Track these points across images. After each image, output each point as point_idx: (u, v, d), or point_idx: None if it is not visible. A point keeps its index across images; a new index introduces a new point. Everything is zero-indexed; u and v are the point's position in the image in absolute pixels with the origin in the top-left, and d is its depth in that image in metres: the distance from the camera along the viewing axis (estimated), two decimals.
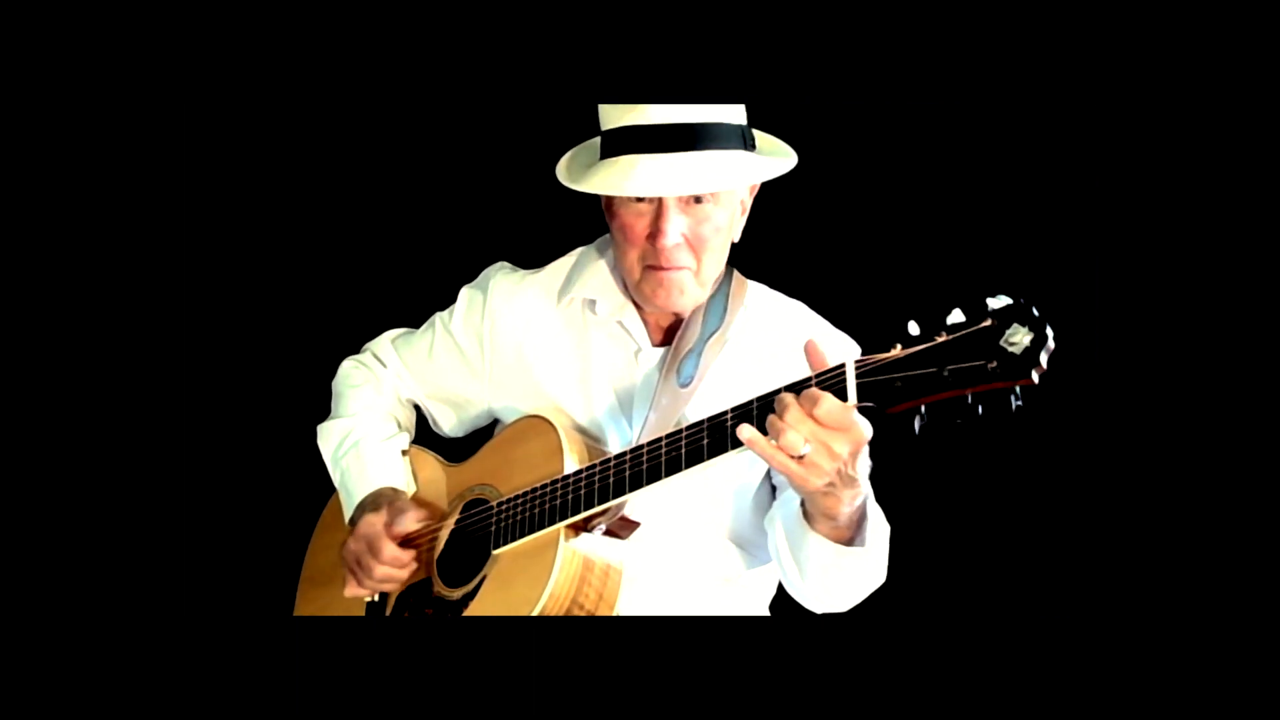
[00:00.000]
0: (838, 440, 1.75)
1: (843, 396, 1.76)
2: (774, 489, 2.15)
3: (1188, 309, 2.16)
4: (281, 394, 2.78)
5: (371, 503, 2.20)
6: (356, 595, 2.18)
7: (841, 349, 2.15)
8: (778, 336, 2.18)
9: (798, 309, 2.24)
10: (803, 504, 1.92)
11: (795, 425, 1.74)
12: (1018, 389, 1.67)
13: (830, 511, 1.86)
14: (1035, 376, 1.65)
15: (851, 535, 1.91)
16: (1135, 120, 2.20)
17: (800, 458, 1.75)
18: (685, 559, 2.13)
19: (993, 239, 2.69)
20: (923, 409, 1.72)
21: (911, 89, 2.24)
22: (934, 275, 2.64)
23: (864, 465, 1.85)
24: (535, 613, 1.98)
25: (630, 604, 2.08)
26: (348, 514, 2.24)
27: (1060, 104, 2.32)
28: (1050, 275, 2.49)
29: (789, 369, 2.08)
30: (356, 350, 2.41)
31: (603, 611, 2.04)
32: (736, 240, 2.17)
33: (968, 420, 1.70)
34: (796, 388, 1.80)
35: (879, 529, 1.95)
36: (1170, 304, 2.17)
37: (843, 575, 1.96)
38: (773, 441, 1.76)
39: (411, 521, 2.13)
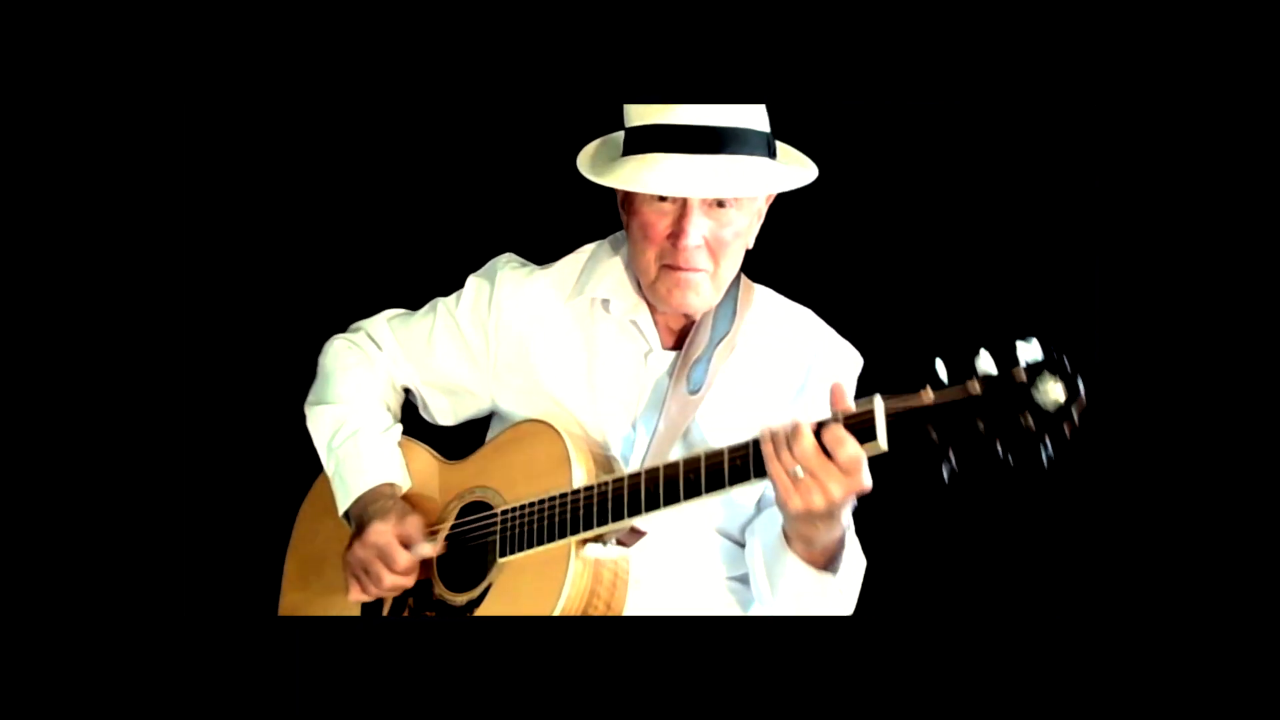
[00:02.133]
0: (836, 482, 1.80)
1: (872, 435, 1.78)
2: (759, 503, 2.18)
3: (1189, 310, 2.19)
4: (284, 387, 2.71)
5: (372, 501, 2.17)
6: (359, 600, 2.17)
7: (846, 361, 2.19)
8: (785, 342, 2.18)
9: (804, 315, 2.24)
10: (783, 526, 1.97)
11: (805, 458, 1.79)
12: (1049, 442, 1.70)
13: (806, 536, 1.92)
14: (1068, 432, 1.68)
15: (825, 562, 1.97)
16: (1135, 122, 2.20)
17: (796, 480, 1.81)
18: (690, 561, 2.15)
19: (996, 241, 2.71)
20: (952, 455, 1.75)
21: (915, 92, 2.23)
22: (939, 280, 2.67)
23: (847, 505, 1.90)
24: None
25: (636, 608, 2.10)
26: (342, 506, 2.20)
27: (1061, 109, 2.34)
28: (1051, 276, 2.54)
29: (795, 374, 2.15)
30: None
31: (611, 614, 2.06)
32: (750, 246, 2.16)
33: (998, 470, 1.73)
34: (821, 423, 1.82)
35: (853, 562, 2.01)
36: (1171, 306, 2.19)
37: (811, 599, 2.01)
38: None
39: (423, 543, 2.13)
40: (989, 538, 2.79)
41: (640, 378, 2.16)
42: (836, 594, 1.99)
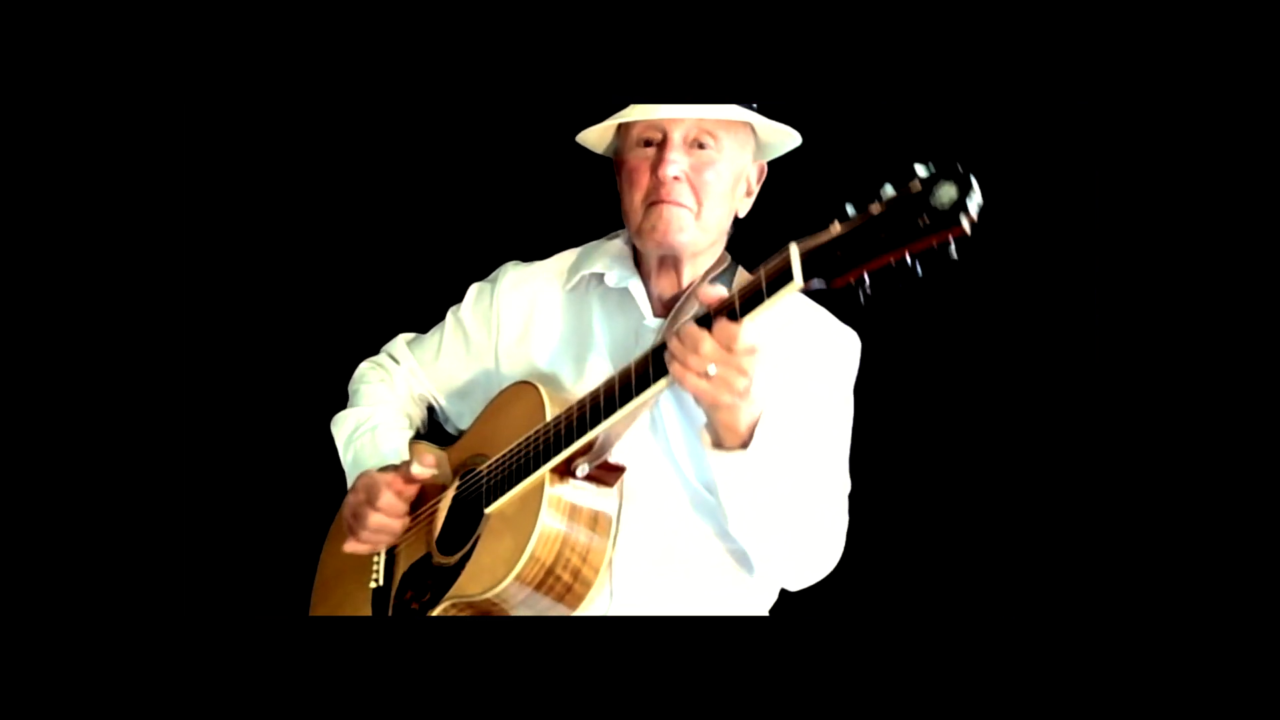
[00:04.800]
0: (748, 359, 1.84)
1: (789, 278, 1.80)
2: None
3: (1188, 307, 2.18)
4: (290, 398, 2.83)
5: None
6: (355, 550, 2.21)
7: (841, 341, 2.21)
8: (779, 318, 2.17)
9: (798, 298, 2.26)
10: (706, 430, 1.97)
11: (711, 357, 1.84)
12: (951, 240, 1.70)
13: (729, 425, 1.92)
14: (965, 225, 1.67)
15: (746, 442, 1.95)
16: (1135, 120, 2.24)
17: (711, 379, 1.86)
18: (678, 527, 2.13)
19: (994, 234, 2.71)
20: (866, 277, 1.75)
21: (915, 87, 2.31)
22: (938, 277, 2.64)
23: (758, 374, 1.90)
24: (526, 556, 1.98)
25: (624, 574, 2.10)
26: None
27: (1061, 102, 2.37)
28: (1051, 271, 2.54)
29: (788, 351, 2.14)
30: (368, 350, 2.47)
31: (594, 558, 2.04)
32: (741, 216, 2.23)
33: (909, 282, 1.73)
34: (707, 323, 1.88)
35: (780, 443, 1.95)
36: (1170, 302, 2.19)
37: (751, 490, 1.97)
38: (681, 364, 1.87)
39: (420, 463, 2.16)
40: (988, 538, 2.70)
41: (631, 345, 2.20)
42: (768, 470, 1.95)
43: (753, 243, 2.23)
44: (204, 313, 2.63)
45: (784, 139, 2.22)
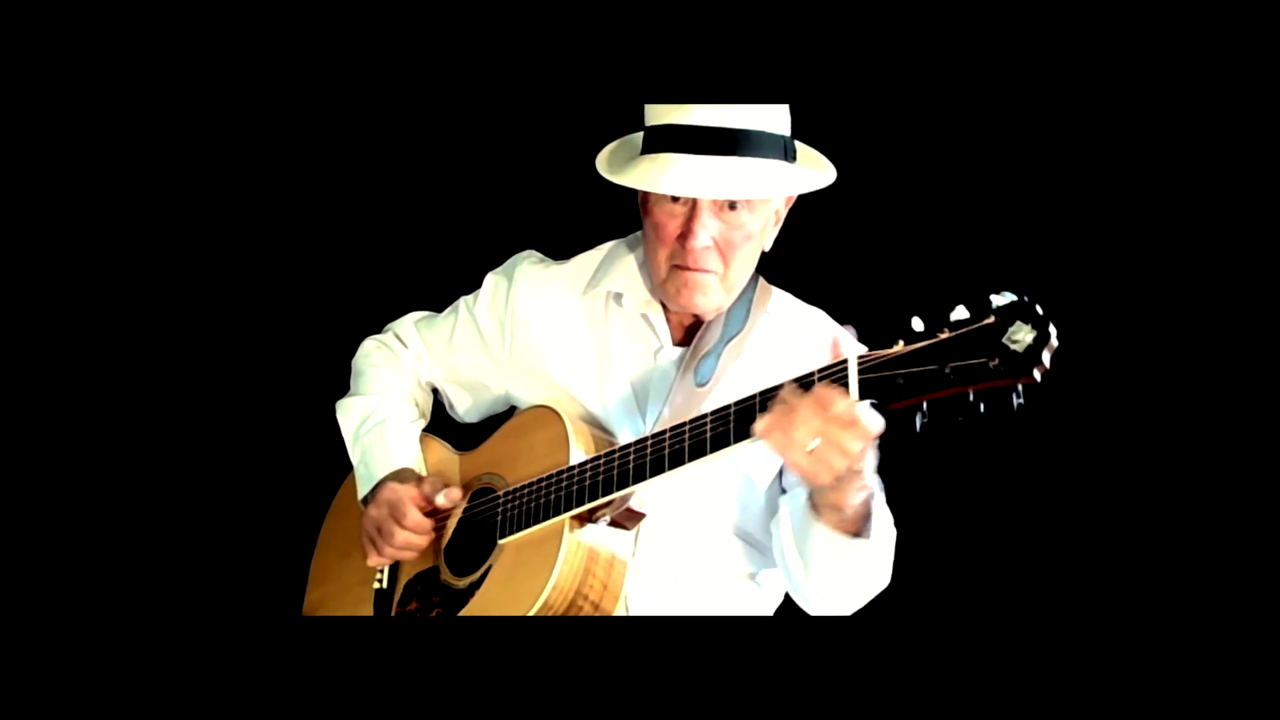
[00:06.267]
0: (848, 437, 1.75)
1: (844, 391, 1.76)
2: (783, 490, 2.13)
3: (1188, 308, 2.17)
4: (291, 388, 2.79)
5: (395, 478, 2.22)
6: (377, 564, 2.21)
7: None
8: (796, 343, 2.16)
9: (818, 317, 2.23)
10: (810, 496, 1.93)
11: (806, 421, 1.76)
12: (1019, 387, 1.66)
13: (837, 503, 1.87)
14: (1037, 375, 1.64)
15: (857, 529, 1.91)
16: (1135, 120, 2.20)
17: (809, 452, 1.76)
18: (693, 553, 2.13)
19: (1009, 239, 2.71)
20: (924, 406, 1.72)
21: (923, 90, 2.24)
22: (948, 276, 2.63)
23: (870, 459, 1.84)
24: (539, 603, 1.98)
25: (638, 598, 2.09)
26: (364, 491, 2.25)
27: (1063, 105, 2.34)
28: (1054, 273, 2.48)
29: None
30: (369, 331, 2.42)
31: (607, 603, 2.04)
32: (767, 250, 2.17)
33: (969, 418, 1.70)
34: (801, 382, 1.80)
35: (885, 526, 1.94)
36: (1171, 303, 2.18)
37: (847, 569, 1.95)
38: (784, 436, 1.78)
39: (446, 496, 2.15)
40: (990, 539, 2.74)
41: (649, 371, 2.17)
42: (869, 558, 1.93)
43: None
44: (205, 299, 2.58)
45: (818, 181, 2.14)
